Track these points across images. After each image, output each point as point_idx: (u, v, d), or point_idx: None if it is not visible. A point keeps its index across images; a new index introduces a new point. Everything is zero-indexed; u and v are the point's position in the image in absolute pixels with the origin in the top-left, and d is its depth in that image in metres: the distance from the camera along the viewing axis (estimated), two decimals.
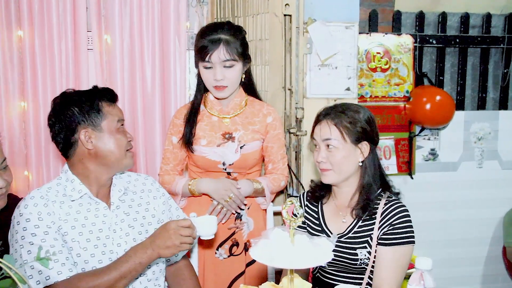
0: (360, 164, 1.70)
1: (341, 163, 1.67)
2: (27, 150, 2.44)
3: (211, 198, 2.07)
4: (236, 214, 2.10)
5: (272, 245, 1.15)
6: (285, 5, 2.40)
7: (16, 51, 2.40)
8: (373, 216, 1.68)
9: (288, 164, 2.26)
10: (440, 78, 3.10)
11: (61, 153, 1.65)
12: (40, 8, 2.37)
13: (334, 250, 1.54)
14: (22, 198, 1.70)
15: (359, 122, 1.68)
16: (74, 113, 1.59)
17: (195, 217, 1.75)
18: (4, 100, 2.39)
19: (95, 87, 1.69)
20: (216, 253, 2.11)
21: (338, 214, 1.76)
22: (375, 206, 1.68)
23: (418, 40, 2.97)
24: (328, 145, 1.68)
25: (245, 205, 2.10)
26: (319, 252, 1.15)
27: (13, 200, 1.73)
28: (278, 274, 2.21)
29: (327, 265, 1.73)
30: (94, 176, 1.63)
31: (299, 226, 1.17)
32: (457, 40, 3.04)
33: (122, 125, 1.68)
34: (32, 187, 2.44)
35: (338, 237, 1.70)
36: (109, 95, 1.67)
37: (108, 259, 1.58)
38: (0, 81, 2.37)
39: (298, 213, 1.15)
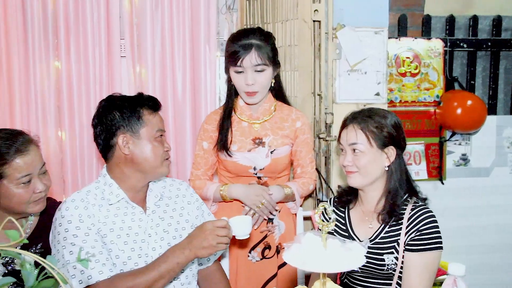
0: (386, 168, 1.70)
1: (367, 166, 1.67)
2: (63, 156, 2.52)
3: (242, 203, 2.10)
4: (268, 218, 2.12)
5: (305, 249, 1.16)
6: (314, 11, 2.42)
7: (53, 57, 2.48)
8: (400, 222, 1.67)
9: (317, 169, 2.26)
10: (471, 82, 3.05)
11: (101, 154, 1.70)
12: (76, 17, 2.44)
13: None
14: (60, 201, 1.76)
15: (385, 127, 1.67)
16: (115, 117, 1.63)
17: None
18: (41, 101, 2.47)
19: (140, 94, 1.72)
20: (248, 256, 2.14)
21: (365, 220, 1.76)
22: (401, 211, 1.68)
23: (448, 44, 2.93)
24: (354, 150, 1.69)
25: (276, 210, 2.12)
26: (352, 256, 1.15)
27: (52, 204, 1.79)
28: (307, 278, 2.22)
29: (355, 270, 1.73)
30: (130, 181, 1.67)
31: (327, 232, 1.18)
32: (489, 44, 2.99)
33: (162, 135, 1.70)
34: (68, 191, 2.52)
35: None
36: (152, 103, 1.69)
37: (144, 262, 1.61)
38: (38, 93, 2.46)
39: (330, 218, 1.16)
